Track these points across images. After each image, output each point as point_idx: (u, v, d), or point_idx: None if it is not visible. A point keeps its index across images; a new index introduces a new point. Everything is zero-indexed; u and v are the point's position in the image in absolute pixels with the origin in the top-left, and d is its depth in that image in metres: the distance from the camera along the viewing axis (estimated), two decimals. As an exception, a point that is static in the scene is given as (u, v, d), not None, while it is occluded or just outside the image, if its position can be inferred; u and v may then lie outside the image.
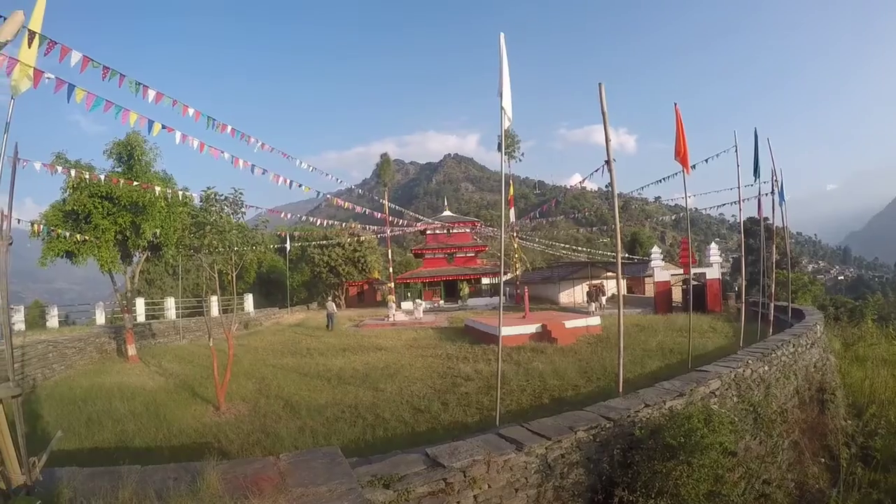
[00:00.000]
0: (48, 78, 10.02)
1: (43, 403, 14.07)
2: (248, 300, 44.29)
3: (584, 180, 20.12)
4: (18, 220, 18.09)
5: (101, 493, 5.15)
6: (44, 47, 9.22)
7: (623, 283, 44.90)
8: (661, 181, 21.47)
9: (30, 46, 7.03)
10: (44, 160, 15.58)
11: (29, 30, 6.46)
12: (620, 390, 10.88)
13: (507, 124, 10.95)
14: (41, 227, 20.29)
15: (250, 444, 11.13)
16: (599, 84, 11.75)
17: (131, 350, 22.27)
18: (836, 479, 13.15)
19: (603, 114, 11.78)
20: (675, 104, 15.24)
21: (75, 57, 9.93)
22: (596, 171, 14.31)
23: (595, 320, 24.61)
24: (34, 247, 20.42)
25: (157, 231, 22.58)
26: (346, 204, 25.21)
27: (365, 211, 27.87)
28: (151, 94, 11.44)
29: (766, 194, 21.77)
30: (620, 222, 12.50)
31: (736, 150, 17.54)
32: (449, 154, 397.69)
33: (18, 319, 23.28)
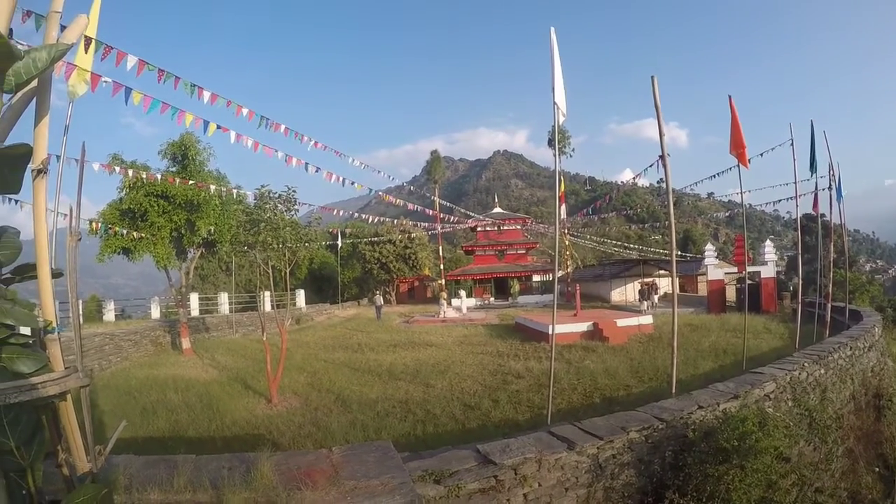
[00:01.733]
0: (105, 82, 10.21)
1: (99, 393, 14.36)
2: (301, 296, 44.80)
3: (637, 176, 19.72)
4: (64, 216, 18.60)
5: (157, 481, 5.14)
6: (100, 52, 9.39)
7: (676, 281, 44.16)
8: (715, 176, 20.91)
9: (86, 52, 7.12)
10: (101, 161, 16.01)
11: (85, 35, 6.51)
12: (673, 391, 10.57)
13: (561, 120, 10.74)
14: (99, 224, 20.82)
15: (302, 436, 11.16)
16: (652, 77, 11.42)
17: (185, 343, 22.68)
18: (890, 489, 12.51)
19: (656, 107, 11.43)
20: (730, 96, 14.76)
21: (131, 61, 10.11)
22: (650, 166, 13.96)
23: (647, 319, 24.09)
24: (92, 244, 20.98)
25: (212, 228, 22.97)
26: (398, 201, 25.25)
27: (417, 208, 27.90)
28: (206, 95, 11.60)
29: (823, 189, 20.93)
30: (670, 219, 12.14)
31: (792, 144, 16.87)
32: (498, 150, 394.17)
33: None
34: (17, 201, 14.28)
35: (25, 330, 1.34)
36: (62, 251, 1.45)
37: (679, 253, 58.18)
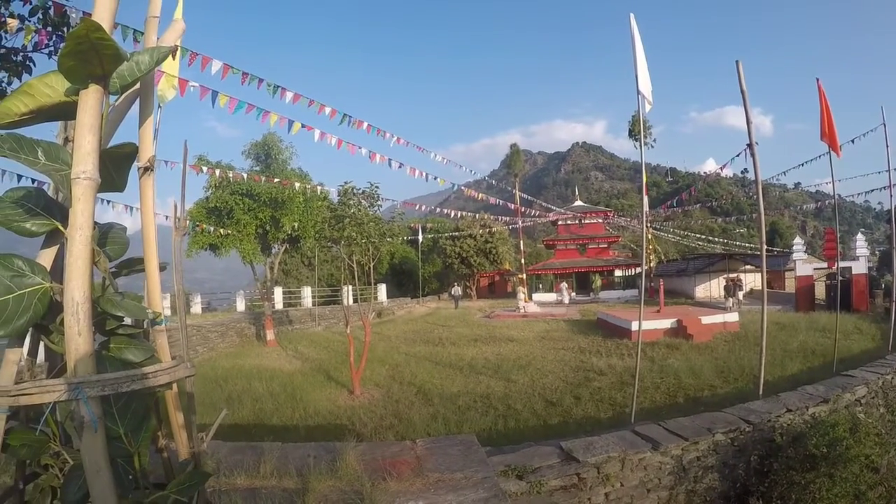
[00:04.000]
0: (193, 86, 10.64)
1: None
2: (382, 290, 45.39)
3: (724, 166, 19.04)
4: (166, 217, 19.48)
5: (244, 467, 5.33)
6: (186, 58, 9.77)
7: (765, 277, 42.39)
8: (803, 165, 19.92)
9: (174, 58, 7.41)
10: (188, 163, 16.71)
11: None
12: (760, 393, 10.16)
13: (647, 109, 10.46)
14: (187, 222, 21.75)
15: (383, 427, 11.31)
16: (737, 62, 10.93)
17: (270, 335, 23.40)
18: None
19: (742, 93, 10.92)
20: (818, 79, 13.96)
21: (216, 65, 10.50)
22: (737, 155, 13.42)
23: (733, 316, 23.22)
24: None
25: (296, 224, 23.65)
26: (480, 195, 25.26)
27: (498, 202, 27.83)
28: (289, 95, 11.89)
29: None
30: (756, 212, 11.59)
31: (884, 129, 15.82)
32: (577, 142, 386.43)
33: (165, 305, 25.16)
34: (108, 201, 15.01)
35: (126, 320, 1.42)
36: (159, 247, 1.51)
37: (766, 247, 55.97)
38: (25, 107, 1.23)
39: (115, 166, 1.32)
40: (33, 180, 11.51)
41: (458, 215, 35.43)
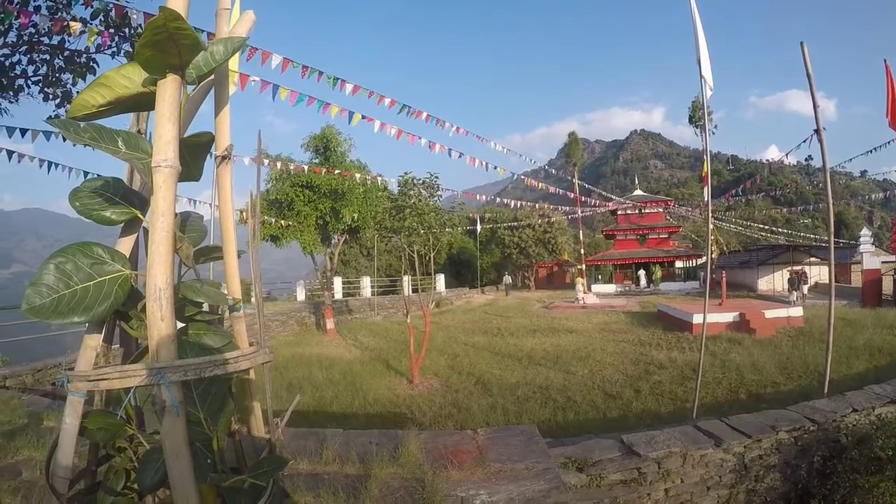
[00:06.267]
0: (254, 81, 10.83)
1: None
2: (440, 280, 45.54)
3: (789, 153, 18.38)
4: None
5: (306, 452, 5.42)
6: (246, 53, 9.95)
7: (828, 270, 40.78)
8: (871, 152, 19.05)
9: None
10: (249, 156, 17.12)
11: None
12: (825, 391, 9.80)
13: (708, 94, 10.19)
14: (244, 214, 22.35)
15: (442, 417, 11.39)
16: (801, 43, 10.47)
17: (329, 324, 23.78)
18: None
19: (808, 77, 10.44)
20: (885, 60, 13.30)
21: (276, 59, 10.67)
22: (804, 142, 12.88)
23: (797, 311, 22.40)
24: (241, 232, 22.52)
25: (356, 215, 23.93)
26: (539, 184, 25.07)
27: (557, 191, 27.57)
28: (349, 87, 11.99)
29: None
30: (824, 201, 11.11)
31: None
32: (635, 130, 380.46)
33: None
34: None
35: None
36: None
37: (826, 238, 53.86)
38: (103, 98, 1.25)
39: (192, 155, 1.34)
40: (98, 176, 11.96)
41: (517, 205, 35.22)
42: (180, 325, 1.30)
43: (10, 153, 13.49)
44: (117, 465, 1.40)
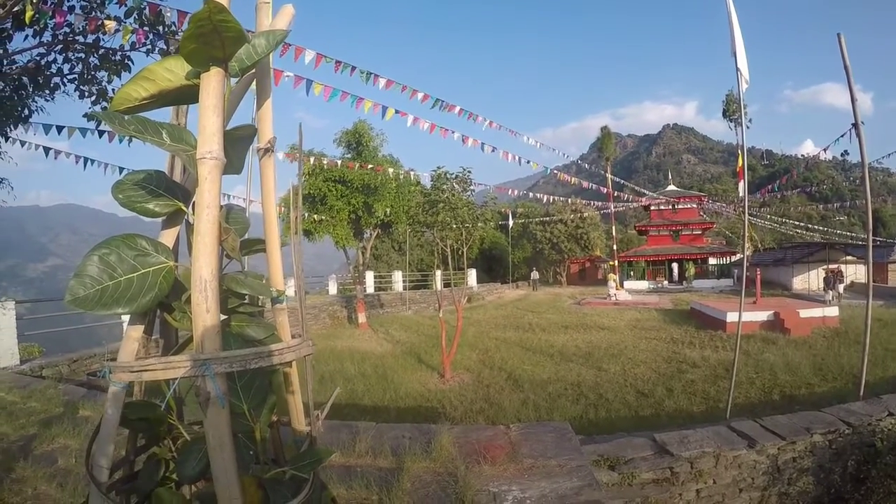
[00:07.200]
0: (287, 76, 10.91)
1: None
2: (472, 275, 45.49)
3: (826, 148, 17.95)
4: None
5: (339, 444, 5.48)
6: (279, 49, 10.03)
7: (864, 269, 39.77)
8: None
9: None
10: (282, 151, 17.30)
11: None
12: (861, 393, 9.58)
13: (744, 87, 10.01)
14: (281, 209, 22.58)
15: (474, 412, 11.41)
16: (839, 35, 10.20)
17: (361, 318, 23.95)
18: None
19: (845, 69, 10.16)
20: None
21: (309, 55, 10.74)
22: (841, 136, 12.62)
23: (832, 311, 21.91)
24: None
25: (388, 210, 24.07)
26: (572, 179, 24.94)
27: (591, 185, 27.39)
28: (382, 81, 12.04)
29: None
30: (861, 198, 10.82)
31: None
32: (668, 124, 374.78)
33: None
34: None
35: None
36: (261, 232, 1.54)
37: (863, 237, 52.58)
38: (146, 91, 1.26)
39: (234, 149, 1.34)
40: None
41: (549, 199, 35.05)
42: (222, 317, 1.31)
43: (47, 150, 13.81)
44: (157, 455, 1.42)
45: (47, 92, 9.93)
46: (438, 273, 25.65)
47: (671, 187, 59.45)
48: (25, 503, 4.72)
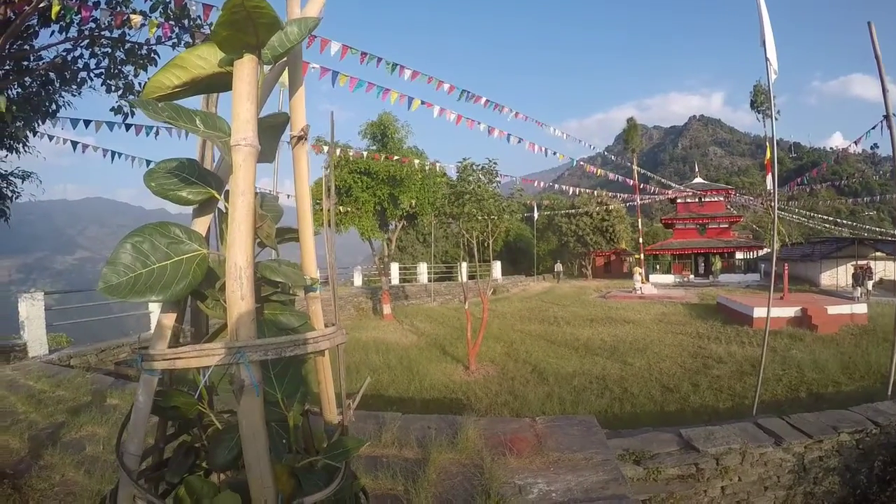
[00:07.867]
0: (313, 68, 10.94)
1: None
2: (496, 267, 45.36)
3: (858, 140, 17.65)
4: (288, 196, 20.40)
5: (365, 435, 5.50)
6: (305, 40, 10.06)
7: (894, 266, 38.97)
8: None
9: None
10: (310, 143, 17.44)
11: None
12: (889, 392, 9.40)
13: (773, 77, 9.82)
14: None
15: (498, 404, 11.41)
16: (869, 23, 9.99)
17: (386, 309, 24.03)
18: None
19: (876, 58, 9.95)
20: None
21: (334, 47, 10.75)
22: (872, 128, 12.36)
23: (861, 307, 21.49)
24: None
25: (413, 201, 24.09)
26: (598, 171, 24.77)
27: (616, 178, 27.18)
28: (407, 73, 12.03)
29: None
30: (891, 192, 10.59)
31: None
32: (694, 116, 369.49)
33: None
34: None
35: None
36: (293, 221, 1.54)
37: (894, 232, 51.58)
38: (178, 79, 1.26)
39: (266, 137, 1.34)
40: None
41: (575, 192, 34.83)
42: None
43: (74, 144, 14.00)
44: (187, 444, 1.42)
45: (74, 87, 10.01)
46: (464, 265, 25.65)
47: (698, 180, 58.52)
48: (53, 489, 4.80)
